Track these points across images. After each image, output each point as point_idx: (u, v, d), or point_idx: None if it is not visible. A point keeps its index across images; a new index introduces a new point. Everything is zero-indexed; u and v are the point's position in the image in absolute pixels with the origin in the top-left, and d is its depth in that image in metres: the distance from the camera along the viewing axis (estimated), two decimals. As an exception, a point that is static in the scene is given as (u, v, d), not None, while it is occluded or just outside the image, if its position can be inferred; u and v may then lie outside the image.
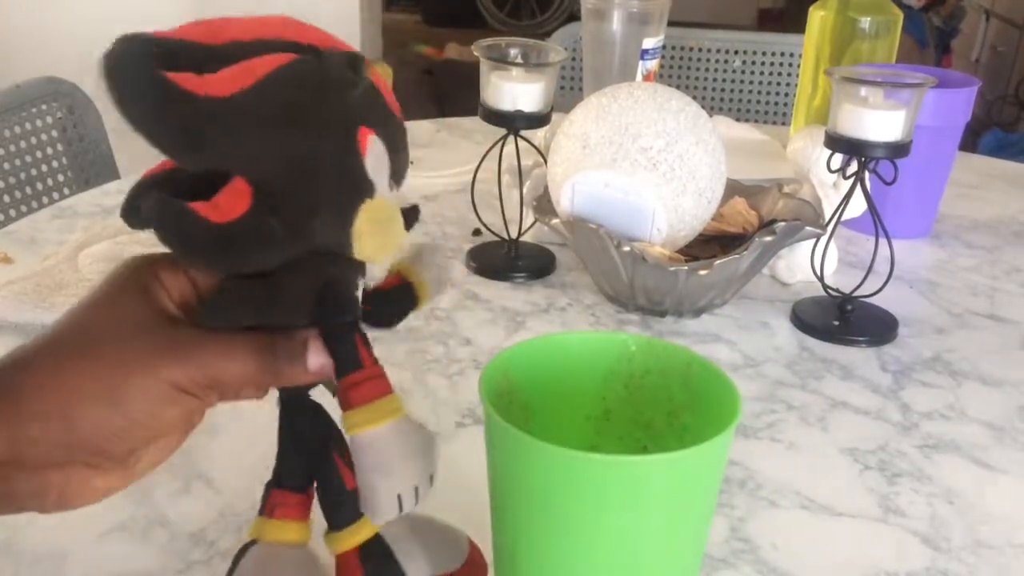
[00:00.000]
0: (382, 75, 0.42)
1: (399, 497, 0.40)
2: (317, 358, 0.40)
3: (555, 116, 0.91)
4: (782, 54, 1.65)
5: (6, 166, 1.14)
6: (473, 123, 1.15)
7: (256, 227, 0.37)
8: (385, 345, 0.43)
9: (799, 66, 1.26)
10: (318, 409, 0.45)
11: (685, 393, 0.47)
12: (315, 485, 0.45)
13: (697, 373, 0.47)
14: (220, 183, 0.37)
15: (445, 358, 0.76)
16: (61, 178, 1.21)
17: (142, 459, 0.39)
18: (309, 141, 0.37)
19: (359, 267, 0.41)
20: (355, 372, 0.40)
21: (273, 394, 0.44)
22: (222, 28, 0.37)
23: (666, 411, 0.48)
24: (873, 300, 0.84)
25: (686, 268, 0.78)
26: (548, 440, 0.40)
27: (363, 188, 0.40)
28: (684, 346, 0.48)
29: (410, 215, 0.43)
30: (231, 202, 0.36)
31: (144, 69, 0.34)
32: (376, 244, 0.40)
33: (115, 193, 1.09)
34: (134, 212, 0.40)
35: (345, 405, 0.40)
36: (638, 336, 0.49)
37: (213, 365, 0.38)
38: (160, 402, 0.37)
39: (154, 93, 0.35)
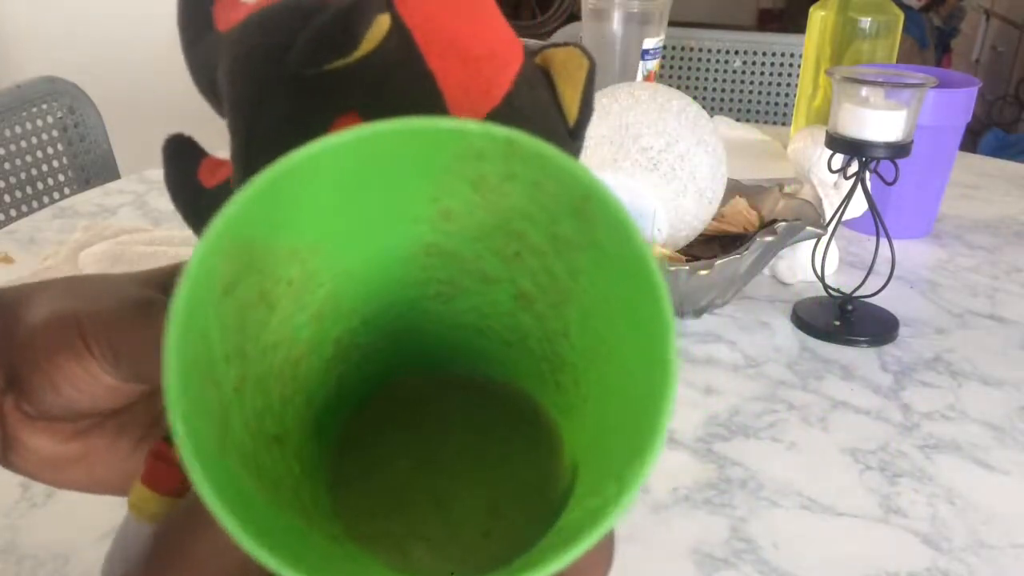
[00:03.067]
0: (559, 70, 0.30)
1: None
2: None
3: (555, 116, 0.91)
4: (782, 54, 1.65)
5: (6, 166, 1.14)
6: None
7: (217, 201, 0.30)
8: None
9: (799, 66, 1.26)
10: None
11: (577, 228, 0.26)
12: None
13: (595, 212, 0.25)
14: None
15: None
16: (61, 178, 1.21)
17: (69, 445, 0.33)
18: (261, 101, 0.28)
19: None
20: (164, 443, 0.31)
21: None
22: None
23: (548, 232, 0.27)
24: (874, 300, 0.85)
25: (687, 268, 0.78)
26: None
27: None
28: (584, 169, 0.24)
29: None
30: (225, 169, 0.31)
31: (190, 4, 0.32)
32: None
33: (115, 193, 1.09)
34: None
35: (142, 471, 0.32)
36: (490, 129, 0.22)
37: (132, 346, 0.31)
38: (66, 350, 0.31)
39: (187, 21, 0.32)
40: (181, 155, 0.32)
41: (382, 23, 0.27)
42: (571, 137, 0.33)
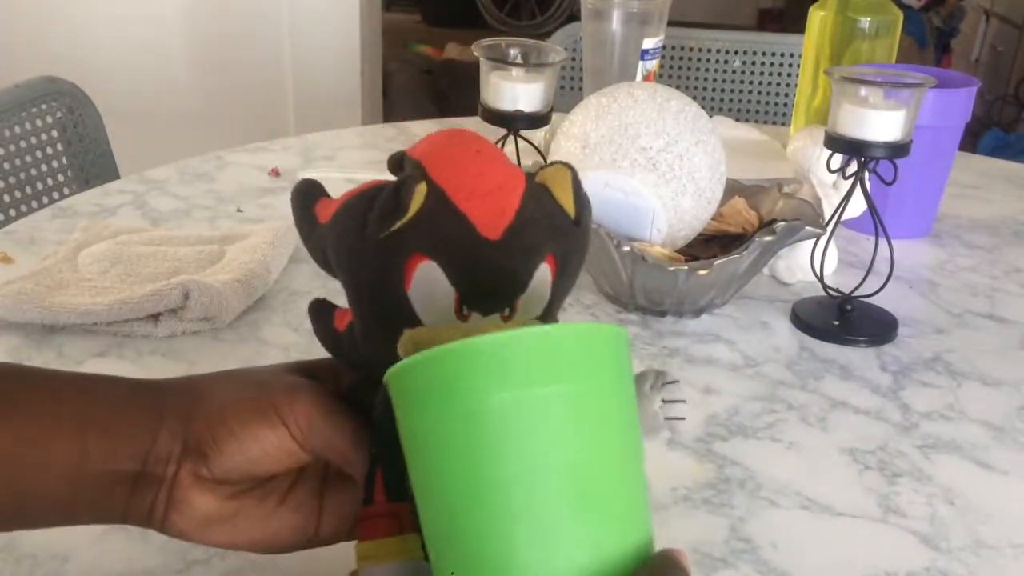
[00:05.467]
0: (551, 181, 0.42)
1: None
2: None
3: (555, 116, 0.91)
4: (782, 54, 1.65)
5: (6, 166, 1.14)
6: (473, 123, 1.15)
7: (349, 339, 0.42)
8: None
9: (799, 66, 1.25)
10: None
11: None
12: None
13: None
14: None
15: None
16: (61, 178, 1.21)
17: (239, 506, 0.42)
18: (355, 267, 0.40)
19: None
20: (366, 506, 0.41)
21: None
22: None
23: None
24: (873, 300, 0.84)
25: (686, 268, 0.78)
26: None
27: (400, 317, 0.40)
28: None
29: None
30: (348, 316, 0.43)
31: (301, 204, 0.43)
32: None
33: (115, 193, 1.09)
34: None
35: (357, 534, 0.42)
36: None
37: (319, 418, 0.41)
38: (260, 420, 0.41)
39: (301, 223, 0.43)
40: (321, 313, 0.44)
41: (421, 190, 0.39)
42: (576, 225, 0.43)
